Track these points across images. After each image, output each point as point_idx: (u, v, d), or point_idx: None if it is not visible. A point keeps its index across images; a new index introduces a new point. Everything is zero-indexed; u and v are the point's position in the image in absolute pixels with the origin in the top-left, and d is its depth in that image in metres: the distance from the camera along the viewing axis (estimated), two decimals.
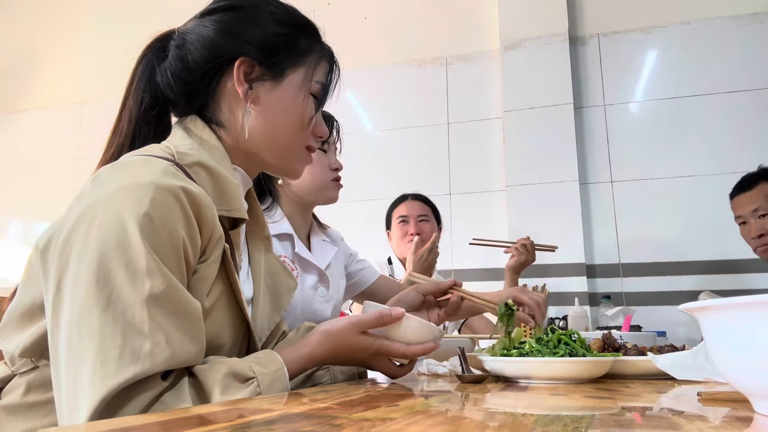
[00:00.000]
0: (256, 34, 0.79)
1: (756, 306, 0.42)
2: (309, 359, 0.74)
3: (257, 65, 0.78)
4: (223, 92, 0.78)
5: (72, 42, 3.67)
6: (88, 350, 0.55)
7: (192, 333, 0.61)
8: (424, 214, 2.09)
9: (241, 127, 0.78)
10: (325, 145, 1.35)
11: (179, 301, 0.60)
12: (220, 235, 0.68)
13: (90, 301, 0.56)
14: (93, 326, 0.55)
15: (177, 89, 0.77)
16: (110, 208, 0.59)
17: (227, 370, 0.62)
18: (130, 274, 0.57)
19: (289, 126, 0.81)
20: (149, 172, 0.62)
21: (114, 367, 0.54)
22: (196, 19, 0.80)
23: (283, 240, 1.32)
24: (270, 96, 0.79)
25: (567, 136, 2.64)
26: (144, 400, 0.56)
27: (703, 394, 0.59)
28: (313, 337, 0.76)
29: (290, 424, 0.40)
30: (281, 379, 0.67)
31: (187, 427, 0.40)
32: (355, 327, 0.76)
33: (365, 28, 3.14)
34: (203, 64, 0.77)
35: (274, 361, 0.68)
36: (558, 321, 2.47)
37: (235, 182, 0.74)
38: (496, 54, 2.88)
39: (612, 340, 1.00)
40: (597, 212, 2.65)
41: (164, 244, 0.59)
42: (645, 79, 2.72)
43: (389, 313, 0.77)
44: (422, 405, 0.54)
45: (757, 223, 1.77)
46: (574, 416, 0.48)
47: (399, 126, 2.99)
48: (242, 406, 0.51)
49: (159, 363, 0.57)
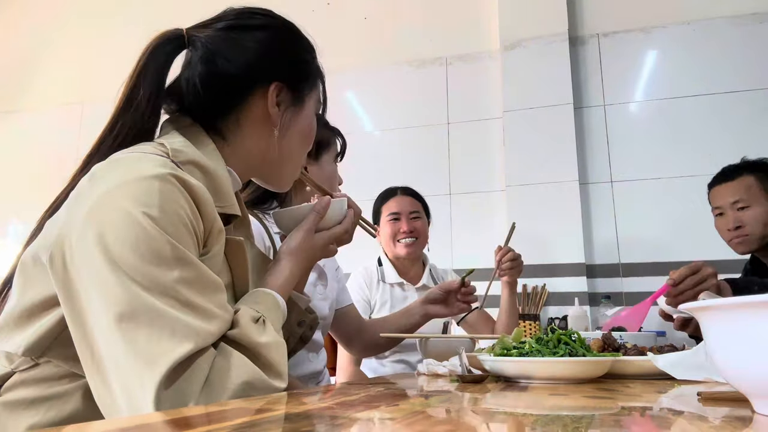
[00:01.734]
0: (289, 58, 0.81)
1: (756, 306, 0.42)
2: (289, 279, 0.82)
3: (286, 89, 0.80)
4: (248, 110, 0.79)
5: (72, 42, 3.67)
6: (139, 335, 0.56)
7: (223, 305, 0.65)
8: (415, 211, 1.95)
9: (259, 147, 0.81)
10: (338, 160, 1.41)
11: (208, 280, 0.63)
12: (221, 228, 0.70)
13: (128, 290, 0.57)
14: (138, 315, 0.56)
15: (204, 97, 0.77)
16: (117, 204, 0.59)
17: (249, 317, 0.68)
18: (159, 263, 0.58)
19: (304, 148, 0.87)
20: (149, 166, 0.63)
21: (169, 344, 0.56)
22: (222, 31, 0.79)
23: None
24: (293, 120, 0.82)
25: (567, 136, 2.64)
26: (205, 368, 0.59)
27: (703, 394, 0.59)
28: (283, 261, 0.84)
29: (290, 424, 0.40)
30: (278, 306, 0.75)
31: (188, 426, 0.40)
32: (308, 232, 0.87)
33: (365, 28, 3.14)
34: (239, 82, 0.77)
35: (266, 295, 0.75)
36: (558, 321, 2.47)
37: (228, 179, 0.76)
38: (496, 54, 2.88)
39: (612, 340, 1.00)
40: (597, 212, 2.65)
41: (180, 231, 0.61)
42: (645, 79, 2.72)
43: (320, 204, 0.89)
44: (422, 405, 0.54)
45: (735, 214, 1.73)
46: (574, 416, 0.48)
47: (399, 126, 2.99)
48: (242, 406, 0.51)
49: (210, 334, 0.60)
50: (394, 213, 1.93)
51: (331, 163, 1.38)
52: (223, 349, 0.63)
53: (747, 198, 1.71)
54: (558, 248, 2.55)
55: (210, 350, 0.61)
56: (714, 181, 1.84)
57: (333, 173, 1.38)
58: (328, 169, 1.36)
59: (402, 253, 1.90)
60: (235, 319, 0.67)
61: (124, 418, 0.54)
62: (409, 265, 1.96)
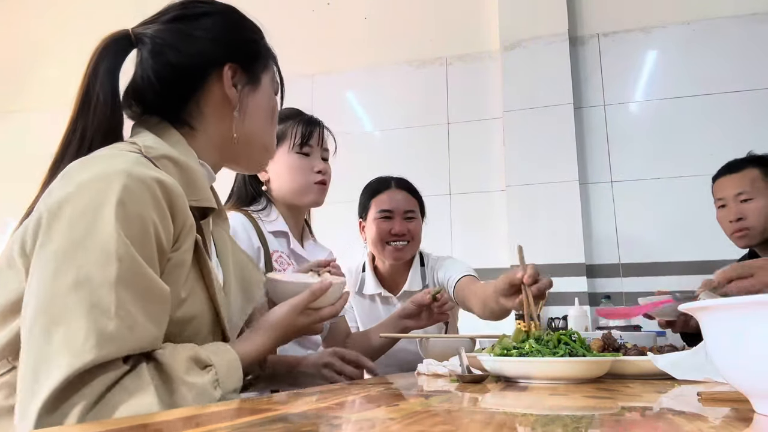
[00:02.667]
0: (238, 39, 0.83)
1: (756, 306, 0.42)
2: (258, 353, 0.80)
3: (240, 70, 0.82)
4: (207, 96, 0.80)
5: (72, 42, 3.66)
6: (55, 331, 0.55)
7: (156, 317, 0.62)
8: (411, 210, 1.65)
9: (223, 129, 0.81)
10: (305, 149, 1.35)
11: (147, 285, 0.61)
12: (192, 224, 0.70)
13: (58, 282, 0.57)
14: (59, 307, 0.56)
15: (161, 92, 0.78)
16: (82, 196, 0.60)
17: (191, 353, 0.65)
18: (99, 257, 0.58)
19: (268, 125, 0.87)
20: (119, 162, 0.64)
21: (78, 348, 0.55)
22: (166, 24, 0.80)
23: (279, 237, 1.35)
24: (252, 99, 0.84)
25: (567, 136, 2.64)
26: (105, 383, 0.57)
27: (703, 394, 0.59)
28: (259, 332, 0.82)
29: (290, 424, 0.40)
30: (237, 369, 0.70)
31: (187, 427, 0.40)
32: (294, 311, 0.84)
33: (365, 28, 3.14)
34: (193, 69, 0.79)
35: (229, 351, 0.72)
36: (558, 321, 2.47)
37: (202, 172, 0.77)
38: (496, 54, 2.88)
39: (612, 340, 1.00)
40: (597, 212, 2.65)
41: (136, 230, 0.61)
42: (645, 79, 2.72)
43: (320, 287, 0.86)
44: (422, 405, 0.54)
45: (738, 207, 1.73)
46: (574, 416, 0.48)
47: (399, 126, 2.99)
48: (242, 406, 0.51)
49: (123, 346, 0.58)
50: (385, 210, 1.64)
51: (288, 154, 1.34)
52: (139, 371, 0.60)
53: (751, 190, 1.71)
54: (558, 248, 2.55)
55: (118, 364, 0.58)
56: (719, 173, 1.84)
57: (291, 165, 1.34)
58: (287, 161, 1.34)
59: (390, 258, 1.64)
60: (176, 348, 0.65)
61: (125, 418, 0.54)
62: (400, 269, 1.69)
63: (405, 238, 1.62)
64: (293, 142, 1.34)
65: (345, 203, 1.96)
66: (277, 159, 1.34)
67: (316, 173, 1.35)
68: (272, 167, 1.36)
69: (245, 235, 1.26)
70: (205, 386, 0.64)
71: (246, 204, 1.36)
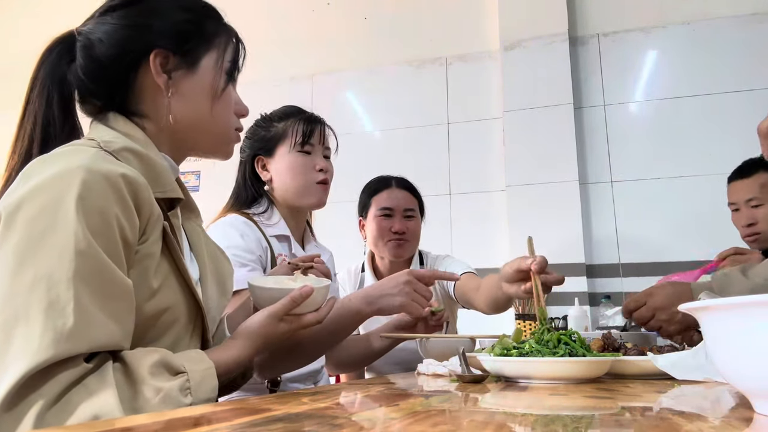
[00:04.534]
0: (164, 24, 0.80)
1: (756, 306, 0.42)
2: (236, 362, 0.77)
3: (171, 55, 0.79)
4: (142, 85, 0.79)
5: None
6: (12, 328, 0.55)
7: (118, 315, 0.62)
8: (410, 209, 1.69)
9: (165, 116, 0.79)
10: (307, 147, 1.33)
11: (108, 281, 0.60)
12: (159, 215, 0.70)
13: (16, 279, 0.56)
14: (17, 304, 0.56)
15: (95, 88, 0.78)
16: (41, 194, 0.60)
17: (159, 358, 0.64)
18: (57, 253, 0.57)
19: (209, 107, 0.83)
20: (79, 158, 0.63)
21: (35, 346, 0.54)
22: (97, 18, 0.80)
23: (281, 241, 1.34)
24: (189, 83, 0.81)
25: (567, 136, 2.64)
26: (64, 381, 0.56)
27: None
28: (237, 340, 0.79)
29: (290, 424, 0.40)
30: (211, 378, 0.69)
31: (186, 427, 0.40)
32: (273, 319, 0.80)
33: (365, 28, 3.14)
34: (117, 60, 0.77)
35: (204, 360, 0.70)
36: (558, 321, 2.47)
37: (164, 164, 0.76)
38: (496, 54, 2.88)
39: (612, 340, 0.99)
40: (597, 212, 2.65)
41: (97, 225, 0.60)
42: (645, 79, 2.72)
43: (299, 294, 0.81)
44: (422, 405, 0.54)
45: (749, 212, 1.76)
46: (574, 416, 0.48)
47: (399, 126, 3.00)
48: (242, 406, 0.51)
49: (80, 345, 0.57)
50: (386, 208, 1.67)
51: (289, 153, 1.33)
52: (103, 371, 0.59)
53: (761, 196, 1.74)
54: (558, 248, 2.55)
55: (78, 362, 0.58)
56: (732, 176, 1.87)
57: (293, 164, 1.33)
58: (288, 160, 1.33)
59: (390, 254, 1.67)
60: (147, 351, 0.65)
61: (125, 418, 0.54)
62: (399, 268, 1.68)
63: (404, 237, 1.65)
64: (294, 140, 1.32)
65: (345, 203, 1.96)
66: (279, 158, 1.34)
67: (318, 172, 1.33)
68: (274, 166, 1.34)
69: (254, 235, 1.25)
70: (172, 391, 0.62)
71: (246, 206, 1.35)
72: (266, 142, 1.35)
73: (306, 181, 1.32)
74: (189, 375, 0.65)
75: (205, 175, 3.19)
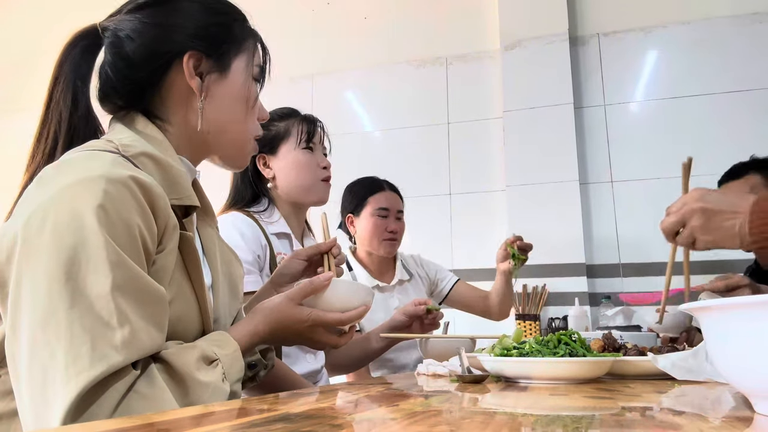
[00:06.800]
0: (198, 26, 0.78)
1: (756, 306, 0.42)
2: (253, 336, 0.77)
3: (204, 58, 0.78)
4: (170, 87, 0.77)
5: None
6: (58, 349, 0.54)
7: (157, 320, 0.62)
8: (401, 210, 1.82)
9: (192, 120, 0.78)
10: (311, 144, 1.36)
11: (143, 289, 0.60)
12: (175, 224, 0.68)
13: (54, 299, 0.55)
14: (60, 324, 0.54)
15: (121, 87, 0.76)
16: (62, 205, 0.58)
17: (199, 354, 0.65)
18: (92, 267, 0.56)
19: (240, 114, 0.82)
20: (97, 165, 0.62)
21: (87, 362, 0.54)
22: (126, 15, 0.78)
23: (281, 239, 1.35)
24: (220, 87, 0.79)
25: (567, 136, 2.64)
26: (121, 390, 0.56)
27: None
28: (255, 315, 0.79)
29: (290, 424, 0.40)
30: (238, 359, 0.70)
31: (186, 427, 0.40)
32: (290, 299, 0.80)
33: (365, 28, 3.14)
34: (148, 60, 0.75)
35: (230, 342, 0.71)
36: (558, 321, 2.47)
37: (182, 170, 0.74)
38: (496, 54, 2.88)
39: (612, 340, 1.00)
40: (597, 212, 2.65)
41: (122, 234, 0.59)
42: (645, 79, 2.72)
43: (320, 278, 0.81)
44: (422, 405, 0.54)
45: None
46: (574, 416, 0.48)
47: (399, 126, 2.99)
48: (242, 406, 0.51)
49: (131, 354, 0.57)
50: (384, 209, 1.76)
51: (293, 151, 1.35)
52: (150, 374, 0.60)
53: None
54: (558, 248, 2.55)
55: (129, 371, 0.58)
56: (722, 178, 1.84)
57: (298, 162, 1.35)
58: (290, 159, 1.35)
59: (384, 252, 1.77)
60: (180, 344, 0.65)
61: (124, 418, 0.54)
62: (385, 262, 1.83)
63: (395, 237, 1.78)
64: (300, 138, 1.35)
65: None
66: (282, 156, 1.36)
67: (322, 169, 1.37)
68: (277, 165, 1.36)
69: (254, 234, 1.26)
70: (217, 383, 0.64)
71: (247, 204, 1.36)
72: (269, 140, 1.36)
73: (311, 178, 1.35)
74: (221, 361, 0.67)
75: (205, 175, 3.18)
